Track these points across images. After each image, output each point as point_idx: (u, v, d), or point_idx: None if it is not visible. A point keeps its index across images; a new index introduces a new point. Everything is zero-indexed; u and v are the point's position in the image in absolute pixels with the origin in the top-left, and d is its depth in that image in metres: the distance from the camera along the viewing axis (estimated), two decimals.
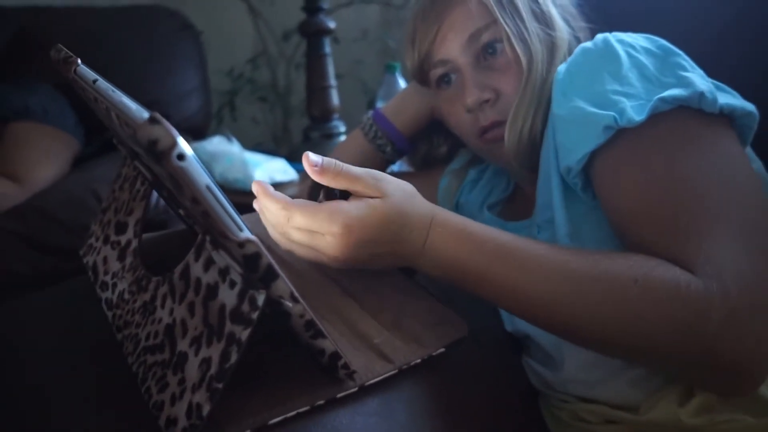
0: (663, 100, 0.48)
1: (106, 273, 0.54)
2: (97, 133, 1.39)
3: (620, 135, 0.49)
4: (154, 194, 1.11)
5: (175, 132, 0.28)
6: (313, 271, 0.59)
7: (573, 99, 0.53)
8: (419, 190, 0.82)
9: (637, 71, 0.52)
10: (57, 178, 1.23)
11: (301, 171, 1.40)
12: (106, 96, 0.35)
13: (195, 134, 1.62)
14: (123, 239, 0.53)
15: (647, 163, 0.49)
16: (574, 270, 0.45)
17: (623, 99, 0.50)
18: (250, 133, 1.98)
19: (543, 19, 0.63)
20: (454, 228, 0.48)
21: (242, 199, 1.25)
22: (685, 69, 0.51)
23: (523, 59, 0.61)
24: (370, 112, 0.82)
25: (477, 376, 0.55)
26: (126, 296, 0.49)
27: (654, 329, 0.42)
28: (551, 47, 0.62)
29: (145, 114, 0.30)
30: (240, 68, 1.97)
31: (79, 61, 0.42)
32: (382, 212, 0.46)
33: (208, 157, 1.35)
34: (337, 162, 0.47)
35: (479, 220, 0.50)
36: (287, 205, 0.46)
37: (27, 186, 1.16)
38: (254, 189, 0.48)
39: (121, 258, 0.52)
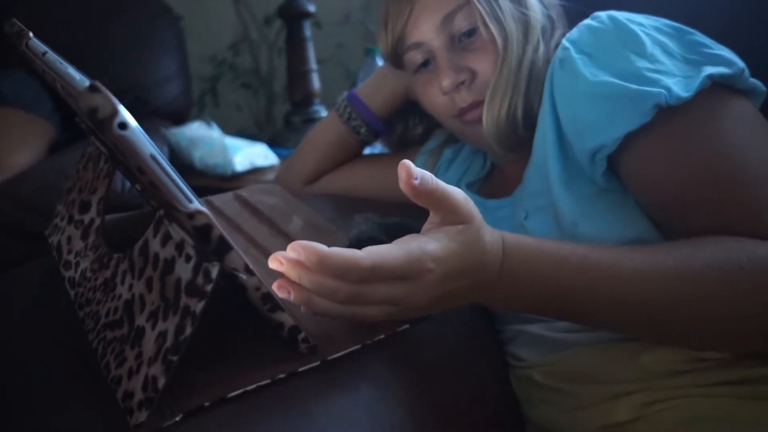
0: (711, 77, 0.48)
1: (69, 252, 0.53)
2: (74, 120, 1.37)
3: (662, 113, 0.48)
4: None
5: (115, 100, 0.28)
6: (280, 249, 0.58)
7: (599, 75, 0.51)
8: (395, 170, 0.83)
9: (659, 49, 0.51)
10: (33, 164, 1.21)
11: (282, 156, 1.39)
12: (53, 67, 0.35)
13: (175, 120, 1.61)
14: (86, 218, 0.53)
15: (701, 138, 0.48)
16: (674, 270, 0.43)
17: (660, 77, 0.49)
18: (232, 120, 1.97)
19: None
20: (530, 247, 0.45)
21: (223, 184, 1.25)
22: (709, 46, 0.51)
23: (499, 39, 0.61)
24: (345, 94, 0.82)
25: (443, 352, 0.55)
26: (88, 274, 0.49)
27: None
28: (526, 26, 0.62)
29: (87, 82, 0.30)
30: (222, 54, 1.95)
31: (31, 34, 0.41)
32: (467, 241, 0.41)
33: (188, 143, 1.34)
34: (433, 177, 0.41)
35: None
36: (373, 260, 0.37)
37: (1, 172, 1.14)
38: (296, 256, 0.36)
39: (84, 237, 0.52)
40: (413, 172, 0.39)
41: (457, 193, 0.42)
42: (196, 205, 0.33)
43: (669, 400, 0.48)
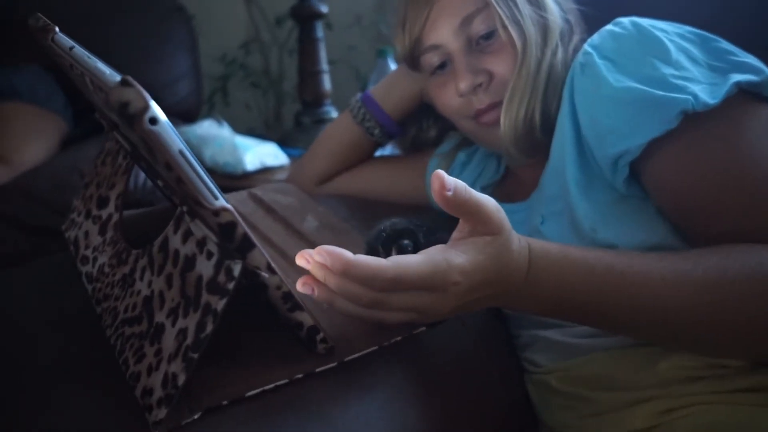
0: (738, 84, 0.47)
1: (87, 247, 0.53)
2: (87, 115, 1.38)
3: (688, 120, 0.47)
4: (142, 175, 1.10)
5: (147, 95, 0.28)
6: (295, 248, 0.58)
7: (623, 81, 0.51)
8: (408, 172, 0.83)
9: (684, 55, 0.51)
10: (45, 159, 1.22)
11: (292, 156, 1.39)
12: (81, 62, 0.35)
13: (186, 118, 1.61)
14: (104, 213, 0.53)
15: (727, 146, 0.47)
16: (703, 280, 0.43)
17: (686, 83, 0.48)
18: (242, 119, 1.97)
19: (535, 1, 0.63)
20: (556, 255, 0.45)
21: (232, 183, 1.25)
22: (735, 54, 0.51)
23: (518, 42, 0.60)
24: (359, 95, 0.81)
25: (456, 355, 0.55)
26: (106, 269, 0.49)
27: None
28: (544, 29, 0.62)
29: (118, 77, 0.30)
30: (232, 54, 1.95)
31: (57, 29, 0.41)
32: (494, 253, 0.41)
33: (198, 141, 1.34)
34: (467, 187, 0.40)
35: None
36: (397, 270, 0.37)
37: (14, 166, 1.15)
38: (322, 260, 0.36)
39: (102, 232, 0.52)
40: (447, 183, 0.39)
41: (489, 204, 0.41)
42: (222, 202, 0.33)
43: (687, 407, 0.48)
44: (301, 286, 0.38)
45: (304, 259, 0.38)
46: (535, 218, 0.60)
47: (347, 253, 0.36)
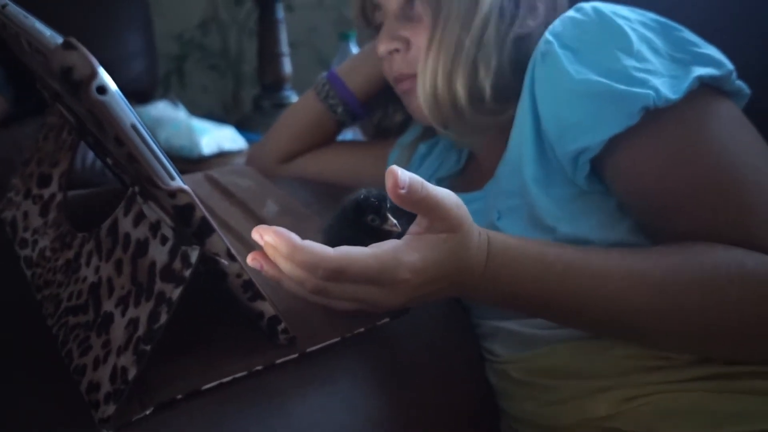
0: (700, 78, 0.47)
1: (26, 229, 0.50)
2: (30, 93, 1.30)
3: (649, 115, 0.46)
4: (91, 153, 1.04)
5: (94, 60, 0.25)
6: (248, 231, 0.56)
7: (584, 73, 0.49)
8: (370, 159, 0.82)
9: (646, 46, 0.50)
10: None
11: (250, 140, 1.35)
12: (16, 21, 0.31)
13: (139, 98, 1.54)
14: (46, 193, 0.49)
15: (689, 142, 0.47)
16: (661, 281, 0.43)
17: (648, 77, 0.47)
18: (199, 101, 1.90)
19: None
20: (515, 250, 0.44)
21: (188, 167, 1.20)
22: (697, 45, 0.50)
23: (431, 13, 0.59)
24: (325, 73, 0.80)
25: (419, 345, 0.54)
26: (47, 254, 0.45)
27: (761, 325, 0.42)
28: (472, 3, 0.59)
29: (59, 39, 0.27)
30: (189, 33, 1.89)
31: None
32: (451, 249, 0.40)
33: (153, 123, 1.29)
34: (424, 183, 0.39)
35: None
36: (340, 262, 0.36)
37: None
38: (271, 241, 0.36)
39: (44, 213, 0.48)
40: (400, 180, 0.37)
41: (448, 200, 0.40)
42: (179, 182, 0.30)
43: (646, 396, 0.49)
44: (251, 260, 0.38)
45: (258, 234, 0.37)
46: (492, 213, 0.59)
47: (294, 238, 0.36)
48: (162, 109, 1.33)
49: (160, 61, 1.69)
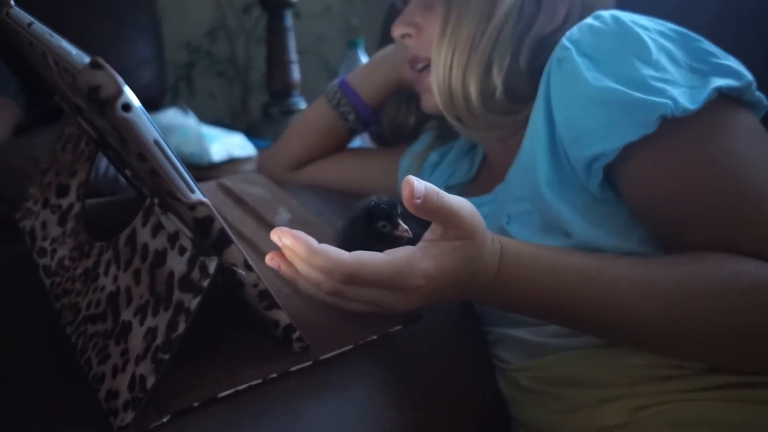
0: (719, 89, 0.46)
1: (44, 238, 0.50)
2: (42, 100, 1.31)
3: (666, 125, 0.46)
4: (105, 162, 1.06)
5: (120, 79, 0.26)
6: (267, 241, 0.57)
7: (602, 80, 0.49)
8: (381, 166, 0.82)
9: (665, 55, 0.49)
10: None
11: (259, 147, 1.36)
12: (42, 40, 0.32)
13: (149, 106, 1.54)
14: (64, 203, 0.50)
15: (704, 152, 0.47)
16: (673, 291, 0.43)
17: (666, 86, 0.47)
18: (207, 108, 1.92)
19: None
20: (527, 258, 0.45)
21: (198, 174, 1.21)
22: (716, 56, 0.50)
23: (444, 6, 0.59)
24: (336, 80, 0.81)
25: (430, 351, 0.54)
26: (66, 263, 0.46)
27: None
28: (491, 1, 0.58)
29: (87, 58, 0.28)
30: (197, 41, 1.90)
31: (13, 2, 0.38)
32: (464, 256, 0.41)
33: (163, 130, 1.30)
34: (439, 193, 0.39)
35: None
36: (356, 266, 0.38)
37: None
38: (289, 244, 0.38)
39: (62, 222, 0.49)
40: (416, 190, 0.38)
41: (463, 210, 0.41)
42: (199, 195, 0.31)
43: (657, 405, 0.49)
44: (269, 260, 0.41)
45: (276, 235, 0.39)
46: (501, 217, 0.59)
47: (312, 241, 0.38)
48: (172, 116, 1.34)
49: (168, 68, 1.70)
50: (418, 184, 0.38)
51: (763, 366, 0.46)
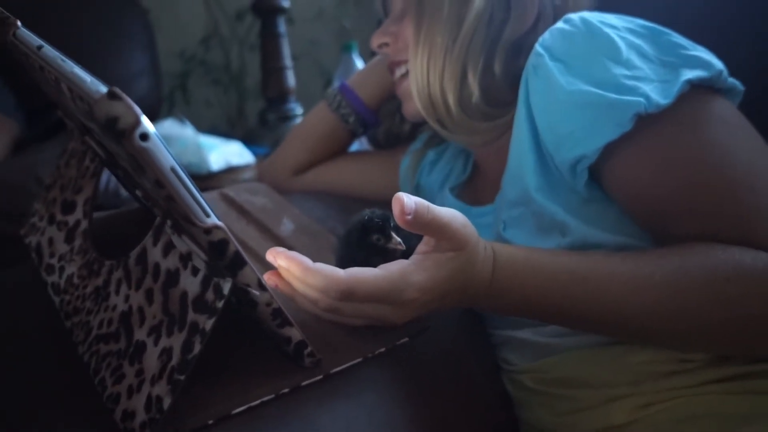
0: (689, 81, 0.47)
1: (52, 255, 0.51)
2: (40, 116, 1.31)
3: (642, 121, 0.47)
4: (105, 176, 1.05)
5: (137, 109, 0.26)
6: (266, 250, 0.57)
7: (575, 83, 0.50)
8: (381, 169, 0.83)
9: (635, 53, 0.50)
10: None
11: (257, 154, 1.36)
12: (54, 66, 0.33)
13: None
14: (71, 219, 0.50)
15: (683, 145, 0.48)
16: (662, 284, 0.44)
17: (638, 84, 0.48)
18: (203, 117, 1.92)
19: None
20: (521, 262, 0.46)
21: (197, 183, 1.21)
22: (685, 47, 0.50)
23: (414, 10, 0.61)
24: (336, 84, 0.82)
25: (439, 355, 0.54)
26: (75, 281, 0.46)
27: (762, 321, 0.43)
28: (463, 8, 0.60)
29: (103, 88, 0.28)
30: (191, 50, 1.90)
31: (19, 23, 0.38)
32: (457, 266, 0.43)
33: None
34: (429, 207, 0.40)
35: (440, 203, 0.49)
36: (350, 283, 0.38)
37: None
38: (284, 265, 0.40)
39: (69, 240, 0.49)
40: (406, 207, 0.39)
41: (455, 222, 0.42)
42: (214, 219, 0.31)
43: (662, 402, 0.49)
44: (267, 279, 0.41)
45: (272, 256, 0.41)
46: (498, 224, 0.60)
47: (306, 261, 0.39)
48: (169, 127, 1.34)
49: (163, 78, 1.70)
50: (408, 201, 0.39)
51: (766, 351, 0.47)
